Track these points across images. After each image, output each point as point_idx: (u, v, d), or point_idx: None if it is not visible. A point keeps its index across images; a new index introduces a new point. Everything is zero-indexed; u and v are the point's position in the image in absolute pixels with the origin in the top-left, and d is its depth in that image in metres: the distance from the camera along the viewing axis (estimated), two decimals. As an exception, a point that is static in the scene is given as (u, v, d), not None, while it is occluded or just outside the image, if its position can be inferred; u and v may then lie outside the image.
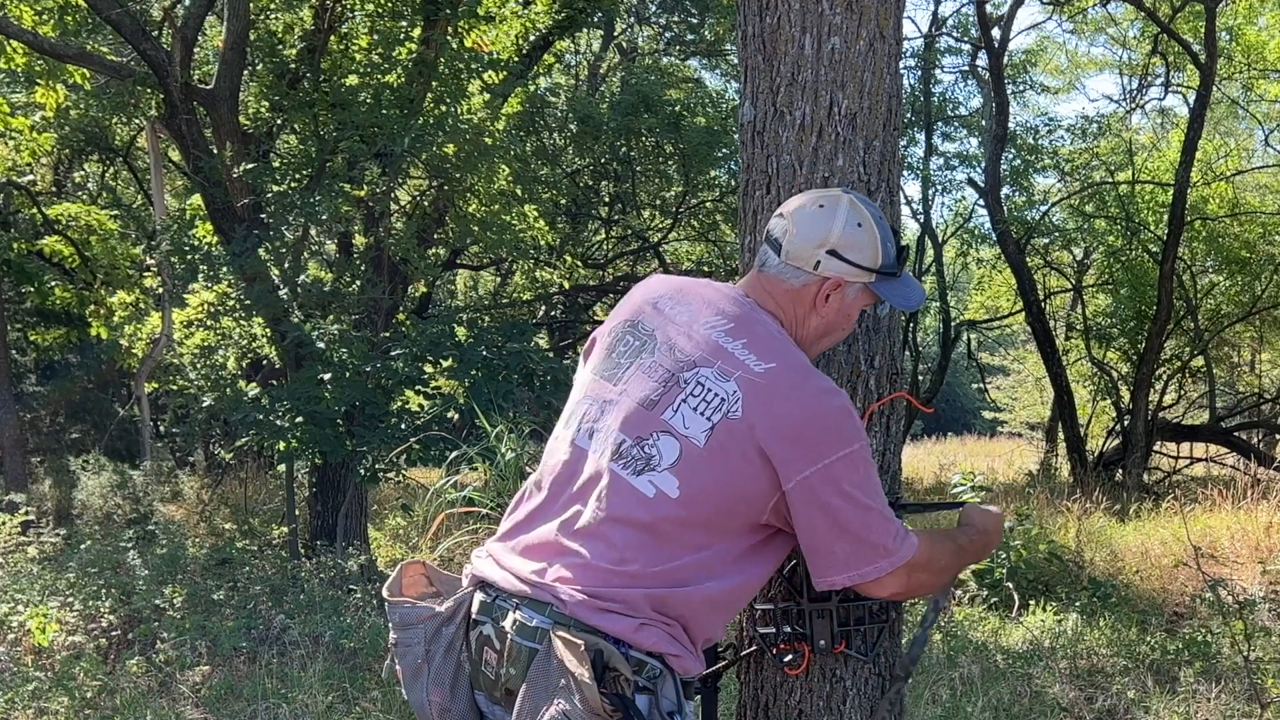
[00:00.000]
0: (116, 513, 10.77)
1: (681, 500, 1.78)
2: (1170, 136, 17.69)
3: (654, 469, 1.81)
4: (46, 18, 8.62)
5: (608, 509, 1.81)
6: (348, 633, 5.71)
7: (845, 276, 1.91)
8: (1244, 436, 15.34)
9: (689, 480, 1.79)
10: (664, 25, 16.52)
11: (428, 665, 1.89)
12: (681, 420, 1.81)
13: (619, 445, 1.84)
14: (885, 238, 1.93)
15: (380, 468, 7.43)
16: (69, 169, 15.41)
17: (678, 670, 1.80)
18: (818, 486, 1.78)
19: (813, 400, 1.80)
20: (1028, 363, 23.59)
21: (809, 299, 1.93)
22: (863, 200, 1.95)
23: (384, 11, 8.47)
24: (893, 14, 2.15)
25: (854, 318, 2.00)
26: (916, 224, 19.48)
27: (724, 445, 1.78)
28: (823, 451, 1.78)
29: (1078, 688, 4.95)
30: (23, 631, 5.41)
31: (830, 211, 1.91)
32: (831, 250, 1.89)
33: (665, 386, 1.85)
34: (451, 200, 8.84)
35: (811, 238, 1.90)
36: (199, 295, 8.30)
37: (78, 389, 15.24)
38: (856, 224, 1.90)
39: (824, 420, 1.79)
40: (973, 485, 7.21)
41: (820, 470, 1.78)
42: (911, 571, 1.86)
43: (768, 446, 1.78)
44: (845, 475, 1.79)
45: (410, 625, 1.92)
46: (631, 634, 1.75)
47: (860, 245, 1.90)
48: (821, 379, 1.86)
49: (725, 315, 1.90)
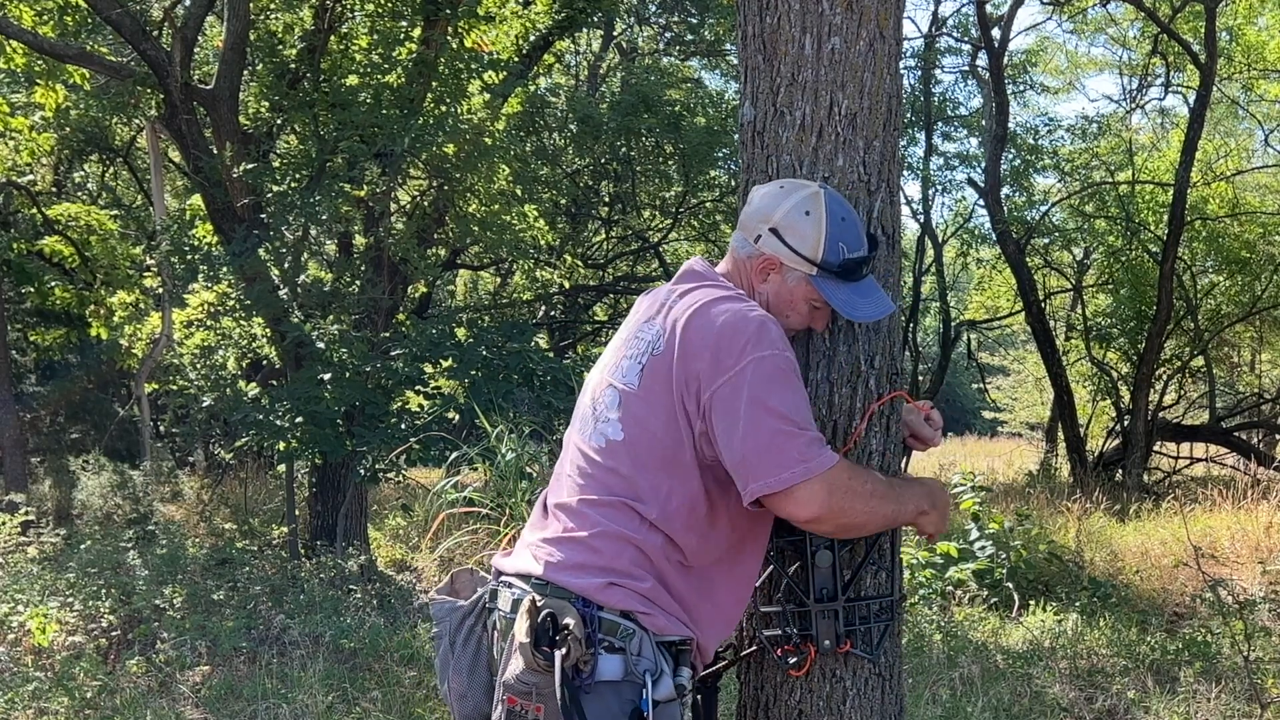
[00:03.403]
0: (116, 513, 10.77)
1: (626, 441, 1.86)
2: (1170, 136, 17.69)
3: (601, 421, 1.92)
4: (46, 18, 8.62)
5: (579, 475, 1.92)
6: (348, 633, 5.71)
7: (781, 259, 1.94)
8: (1244, 436, 15.34)
9: (629, 423, 1.87)
10: (664, 25, 16.51)
11: (452, 654, 1.97)
12: (621, 373, 1.92)
13: (585, 419, 1.98)
14: (837, 236, 1.92)
15: (380, 468, 7.42)
16: (69, 169, 15.40)
17: (651, 629, 1.81)
18: (729, 395, 1.79)
19: (726, 315, 1.83)
20: (1028, 363, 23.59)
21: (751, 270, 1.99)
22: (833, 197, 1.96)
23: (384, 11, 8.47)
24: (893, 14, 2.15)
25: (801, 308, 1.98)
26: (916, 224, 19.51)
27: (652, 380, 1.86)
28: (734, 360, 1.79)
29: (1078, 688, 4.95)
30: (23, 631, 5.41)
31: (786, 193, 1.96)
32: (773, 228, 1.94)
33: (616, 355, 1.98)
34: (451, 200, 8.83)
35: (759, 212, 1.97)
36: (199, 295, 8.31)
37: (78, 389, 15.23)
38: (804, 211, 1.92)
39: (735, 330, 1.81)
40: (973, 485, 7.21)
41: (731, 378, 1.79)
42: (832, 491, 1.78)
43: (686, 368, 1.81)
44: (755, 381, 1.77)
45: (441, 620, 2.01)
46: (598, 593, 1.79)
47: (801, 233, 1.92)
48: (737, 299, 1.88)
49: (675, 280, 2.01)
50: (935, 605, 6.42)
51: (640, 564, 1.82)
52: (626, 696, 1.78)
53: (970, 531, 7.03)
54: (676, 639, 1.85)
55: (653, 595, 1.82)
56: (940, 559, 6.83)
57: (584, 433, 1.97)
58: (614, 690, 1.77)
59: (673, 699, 1.82)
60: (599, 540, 1.83)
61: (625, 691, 1.78)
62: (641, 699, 1.78)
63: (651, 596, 1.82)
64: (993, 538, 6.85)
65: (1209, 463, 15.80)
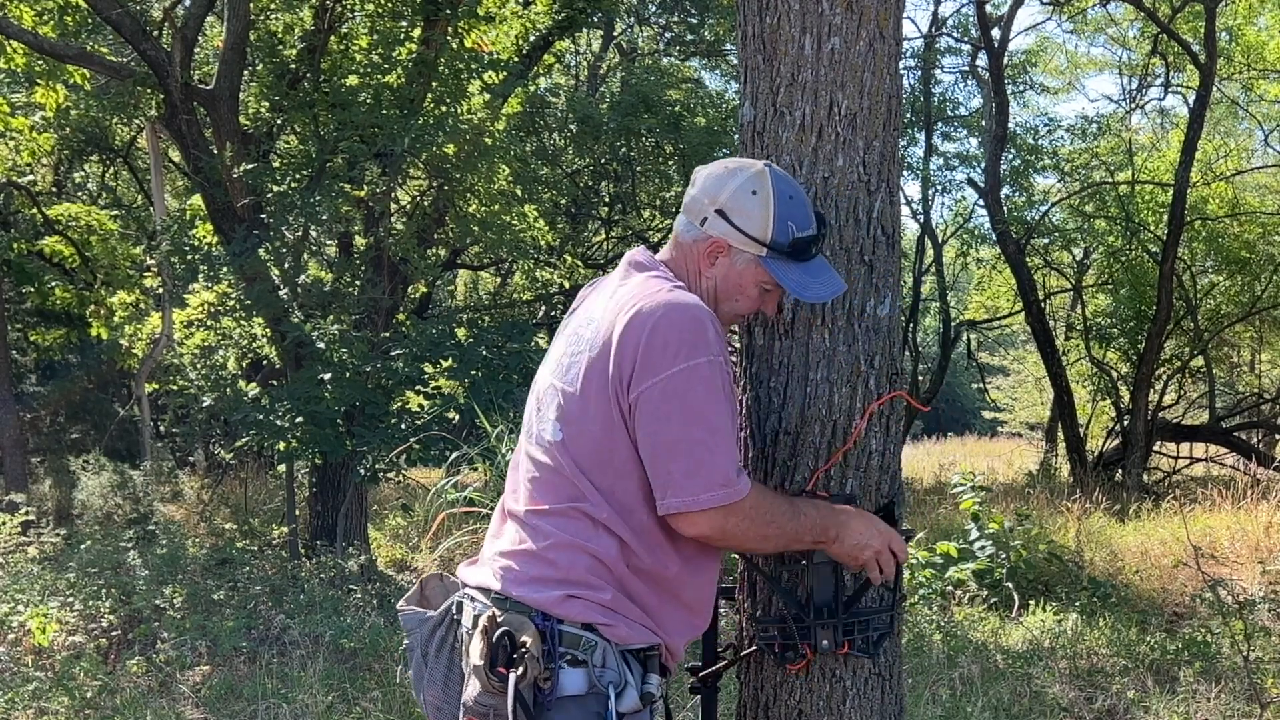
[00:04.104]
0: (116, 513, 10.77)
1: (564, 442, 1.82)
2: (1170, 136, 17.69)
3: (543, 422, 1.88)
4: (46, 18, 8.62)
5: (527, 480, 1.89)
6: (348, 633, 5.71)
7: (730, 240, 1.89)
8: (1244, 436, 15.34)
9: (566, 423, 1.83)
10: (664, 25, 16.51)
11: (425, 666, 1.94)
12: (562, 371, 1.87)
13: (529, 419, 1.94)
14: (785, 215, 1.87)
15: (380, 468, 7.43)
16: (69, 169, 15.40)
17: (613, 640, 1.77)
18: (656, 399, 1.73)
19: (662, 312, 1.76)
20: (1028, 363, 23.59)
21: (697, 255, 1.92)
22: (779, 175, 1.90)
23: (384, 11, 8.47)
24: (893, 14, 2.15)
25: (751, 293, 1.94)
26: (916, 224, 19.51)
27: (588, 380, 1.80)
28: (666, 363, 1.72)
29: (1078, 688, 4.95)
30: (23, 631, 5.41)
31: (731, 173, 1.90)
32: (719, 210, 1.88)
33: (559, 354, 1.92)
34: (451, 200, 8.83)
35: (704, 193, 1.91)
36: (199, 295, 8.31)
37: (78, 389, 15.24)
38: (751, 191, 1.87)
39: (669, 330, 1.74)
40: (973, 485, 7.22)
41: (661, 382, 1.72)
42: (732, 515, 1.75)
43: (619, 367, 1.76)
44: (686, 389, 1.72)
45: (411, 630, 1.98)
46: (557, 606, 1.76)
47: (748, 213, 1.87)
48: (675, 293, 1.81)
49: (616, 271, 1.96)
50: (935, 605, 6.42)
51: (598, 573, 1.78)
52: (592, 710, 1.75)
53: (970, 531, 7.03)
54: (642, 646, 1.82)
55: (614, 605, 1.78)
56: (940, 559, 6.84)
57: (529, 434, 1.93)
58: (578, 704, 1.74)
59: (639, 709, 1.79)
60: (553, 552, 1.79)
61: (590, 705, 1.75)
62: (606, 711, 1.75)
63: (613, 606, 1.78)
64: (993, 538, 6.86)
65: (1209, 463, 15.80)
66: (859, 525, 1.91)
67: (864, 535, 1.90)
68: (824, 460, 2.16)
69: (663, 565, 1.84)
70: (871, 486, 2.18)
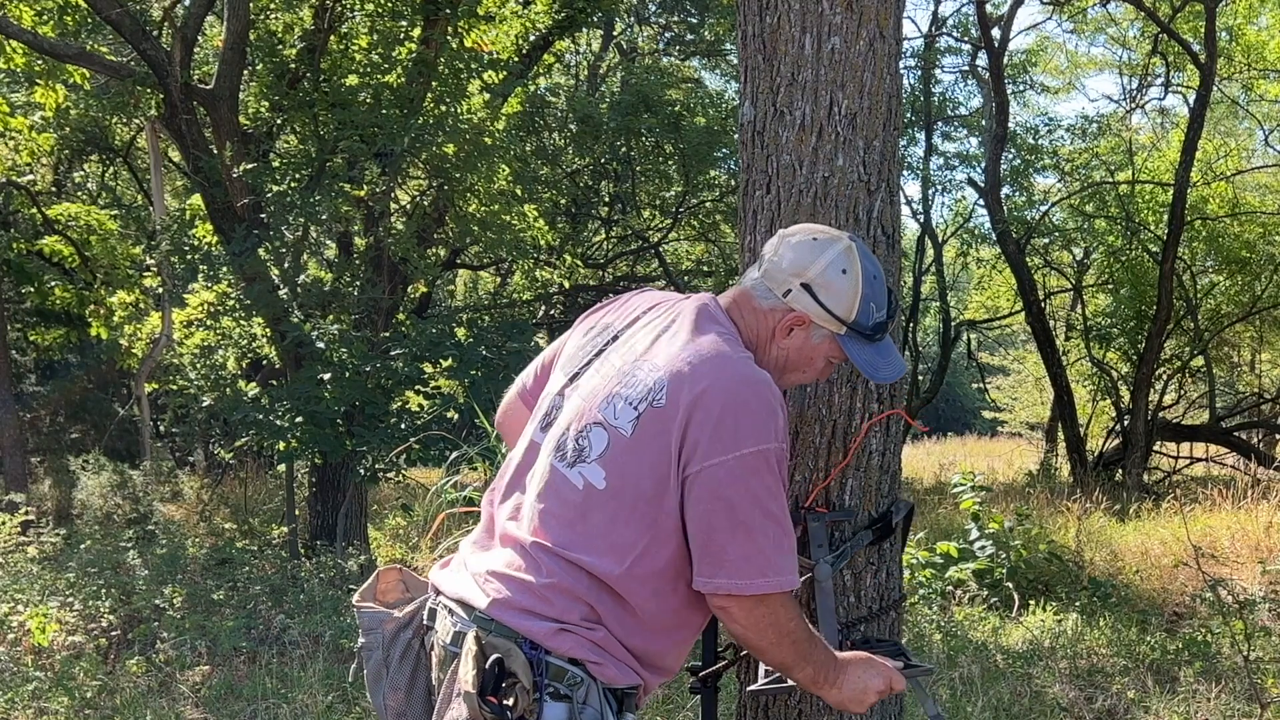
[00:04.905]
0: (116, 513, 10.77)
1: (608, 491, 1.75)
2: (1170, 136, 17.69)
3: (584, 460, 1.80)
4: (46, 18, 8.62)
5: (544, 505, 1.81)
6: (348, 633, 5.70)
7: (811, 316, 1.86)
8: (1244, 436, 15.35)
9: (614, 470, 1.76)
10: (664, 25, 16.52)
11: (386, 669, 1.90)
12: (613, 412, 1.79)
13: (560, 440, 1.84)
14: (869, 296, 1.86)
15: (380, 468, 7.43)
16: (69, 169, 15.40)
17: (600, 679, 1.74)
18: (724, 478, 1.70)
19: (737, 386, 1.73)
20: (1028, 363, 23.58)
21: (772, 325, 1.89)
22: (864, 253, 1.89)
23: (384, 11, 8.46)
24: (893, 14, 2.15)
25: (818, 365, 1.93)
26: (916, 224, 19.52)
27: (647, 433, 1.74)
28: (739, 442, 1.69)
29: (1078, 688, 4.95)
30: (23, 631, 5.41)
31: (821, 247, 1.86)
32: (805, 284, 1.84)
33: (608, 382, 1.84)
34: (451, 200, 8.83)
35: (792, 265, 1.86)
36: (199, 295, 8.30)
37: (78, 389, 15.24)
38: (841, 270, 1.84)
39: (745, 409, 1.71)
40: (973, 485, 7.22)
41: (732, 461, 1.69)
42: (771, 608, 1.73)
43: (690, 434, 1.71)
44: (757, 473, 1.70)
45: (371, 630, 1.93)
46: (548, 638, 1.72)
47: (837, 291, 1.84)
48: (752, 368, 1.78)
49: (684, 315, 1.88)
50: (935, 605, 6.42)
51: (591, 618, 1.75)
52: None
53: (970, 531, 7.03)
54: (624, 686, 1.79)
55: (605, 644, 1.75)
56: (940, 559, 6.84)
57: (558, 457, 1.83)
58: None
59: None
60: (550, 592, 1.74)
61: None
62: None
63: (604, 645, 1.75)
64: (993, 537, 6.86)
65: (1209, 463, 15.80)
66: (858, 671, 1.87)
67: (864, 679, 1.86)
68: (824, 461, 2.16)
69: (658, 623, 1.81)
70: (872, 487, 2.18)
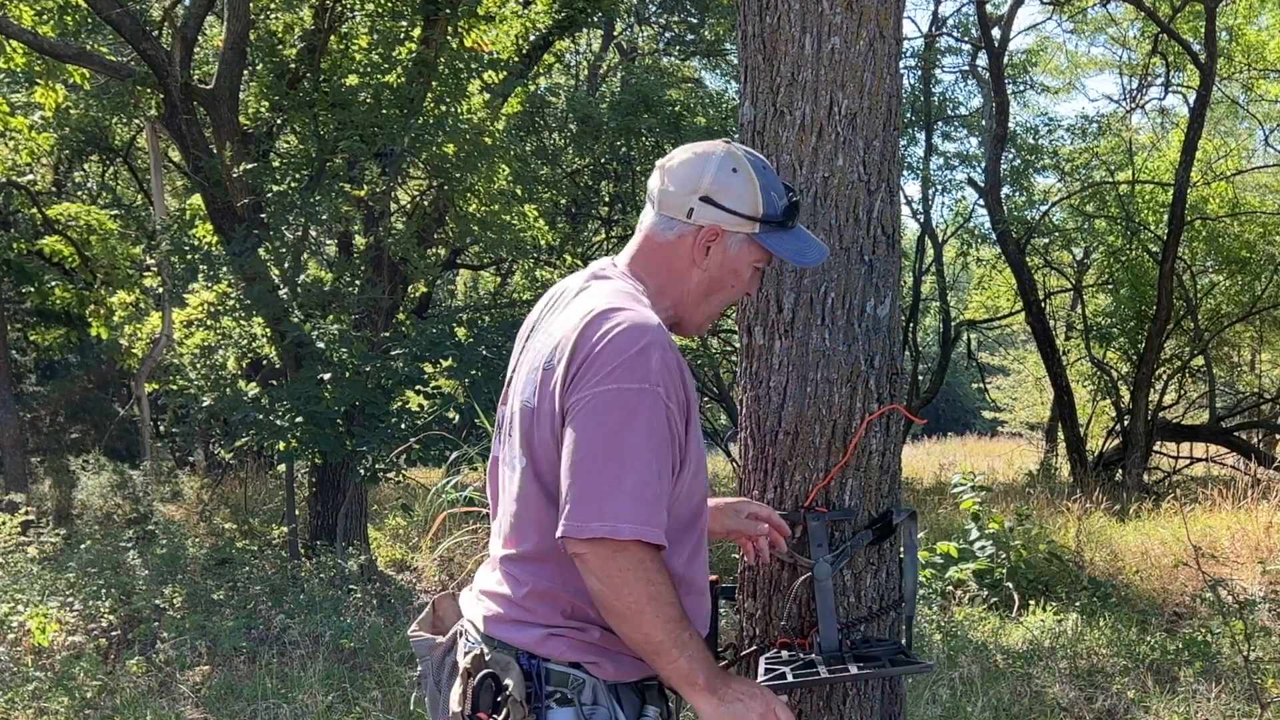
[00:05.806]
0: (116, 513, 10.78)
1: (528, 468, 1.73)
2: (1170, 136, 17.69)
3: (510, 443, 1.80)
4: (46, 18, 8.61)
5: (508, 512, 1.79)
6: (348, 633, 5.71)
7: (722, 224, 1.81)
8: (1244, 436, 15.34)
9: (528, 446, 1.73)
10: (664, 25, 16.51)
11: (440, 693, 1.90)
12: (522, 386, 1.79)
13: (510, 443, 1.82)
14: (768, 186, 1.82)
15: (380, 468, 7.42)
16: (69, 169, 15.41)
17: (601, 677, 1.72)
18: (578, 413, 1.62)
19: (615, 325, 1.66)
20: (1028, 363, 23.57)
21: (687, 251, 1.83)
22: (744, 149, 1.85)
23: (384, 11, 8.46)
24: (893, 14, 2.15)
25: (744, 275, 1.87)
26: (916, 224, 19.51)
27: (543, 396, 1.71)
28: (598, 380, 1.62)
29: (1078, 688, 4.95)
30: (23, 631, 5.41)
31: (703, 159, 1.82)
32: (705, 197, 1.80)
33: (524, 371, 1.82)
34: (451, 200, 8.82)
35: (683, 185, 1.81)
36: (199, 295, 8.30)
37: (78, 389, 15.24)
38: (731, 169, 1.81)
39: (614, 347, 1.64)
40: (973, 485, 7.22)
41: (588, 397, 1.62)
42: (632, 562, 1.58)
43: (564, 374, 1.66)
44: (612, 408, 1.60)
45: (424, 657, 1.94)
46: (540, 645, 1.71)
47: (736, 190, 1.80)
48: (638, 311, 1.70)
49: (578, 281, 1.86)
50: (935, 605, 6.42)
51: (580, 615, 1.72)
52: None
53: (970, 531, 7.03)
54: (635, 680, 1.76)
55: (602, 642, 1.72)
56: (940, 559, 6.84)
57: (507, 460, 1.82)
58: None
59: None
60: (530, 600, 1.73)
61: None
62: None
63: (601, 643, 1.72)
64: (993, 538, 6.85)
65: (1209, 463, 15.80)
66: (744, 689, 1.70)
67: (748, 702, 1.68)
68: (824, 461, 2.16)
69: None
70: (872, 486, 2.18)
